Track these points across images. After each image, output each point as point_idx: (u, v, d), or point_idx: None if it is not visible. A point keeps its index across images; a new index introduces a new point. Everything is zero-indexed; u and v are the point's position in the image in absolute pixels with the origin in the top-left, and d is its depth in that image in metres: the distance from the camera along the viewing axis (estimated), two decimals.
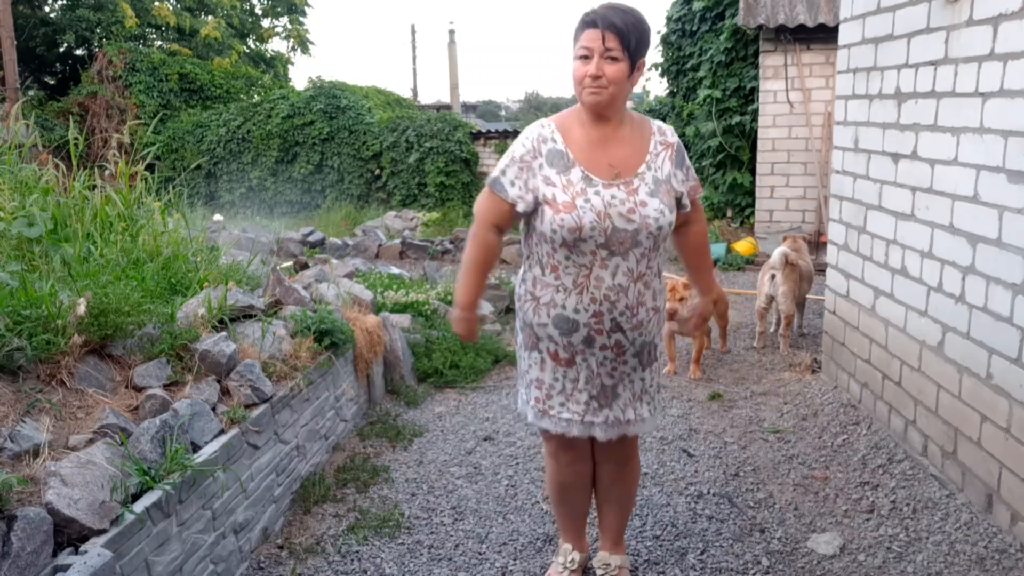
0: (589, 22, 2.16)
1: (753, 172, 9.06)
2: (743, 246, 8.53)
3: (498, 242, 2.41)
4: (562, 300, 2.27)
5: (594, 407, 2.37)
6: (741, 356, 5.23)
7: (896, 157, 3.67)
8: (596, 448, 2.55)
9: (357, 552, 2.94)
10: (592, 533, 2.96)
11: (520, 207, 2.26)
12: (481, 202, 2.36)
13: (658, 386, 2.52)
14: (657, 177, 2.27)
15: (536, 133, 2.29)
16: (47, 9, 18.24)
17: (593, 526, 3.01)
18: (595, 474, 2.62)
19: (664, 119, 11.74)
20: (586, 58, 2.16)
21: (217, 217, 10.63)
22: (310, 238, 9.53)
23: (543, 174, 2.24)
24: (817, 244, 8.23)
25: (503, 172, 2.28)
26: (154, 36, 19.42)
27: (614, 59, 2.14)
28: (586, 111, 2.26)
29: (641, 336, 2.34)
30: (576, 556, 2.67)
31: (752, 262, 8.34)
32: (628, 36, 2.13)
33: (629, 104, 2.38)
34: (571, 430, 2.39)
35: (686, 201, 2.36)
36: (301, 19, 21.33)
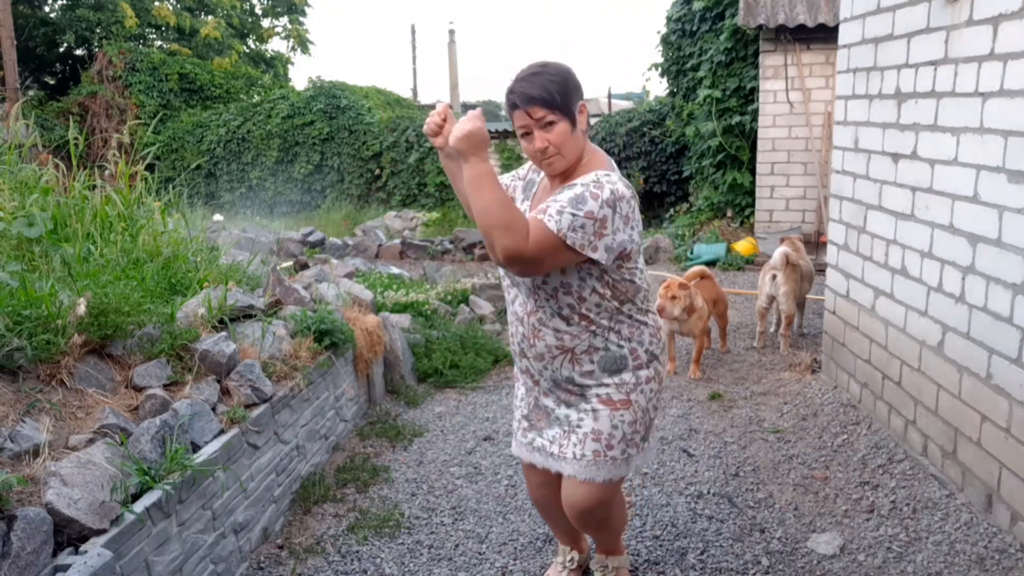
0: (511, 105, 2.11)
1: (753, 172, 9.06)
2: (743, 246, 8.53)
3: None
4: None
5: (524, 426, 2.43)
6: (741, 356, 5.23)
7: (896, 157, 3.67)
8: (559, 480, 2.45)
9: (357, 552, 2.94)
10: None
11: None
12: None
13: (598, 435, 2.24)
14: (547, 208, 2.06)
15: (530, 165, 2.39)
16: (47, 9, 18.24)
17: None
18: None
19: (664, 119, 11.75)
20: (527, 135, 2.11)
21: (217, 217, 10.64)
22: (310, 238, 9.53)
23: (513, 196, 2.36)
24: (817, 244, 8.23)
25: (501, 177, 2.38)
26: (154, 36, 19.42)
27: (550, 123, 2.08)
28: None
29: (547, 370, 2.25)
30: (575, 555, 2.67)
31: (752, 262, 8.33)
32: (552, 98, 2.06)
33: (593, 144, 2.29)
34: (520, 452, 2.47)
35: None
36: (301, 19, 21.34)
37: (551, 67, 2.10)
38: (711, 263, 8.22)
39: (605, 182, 2.05)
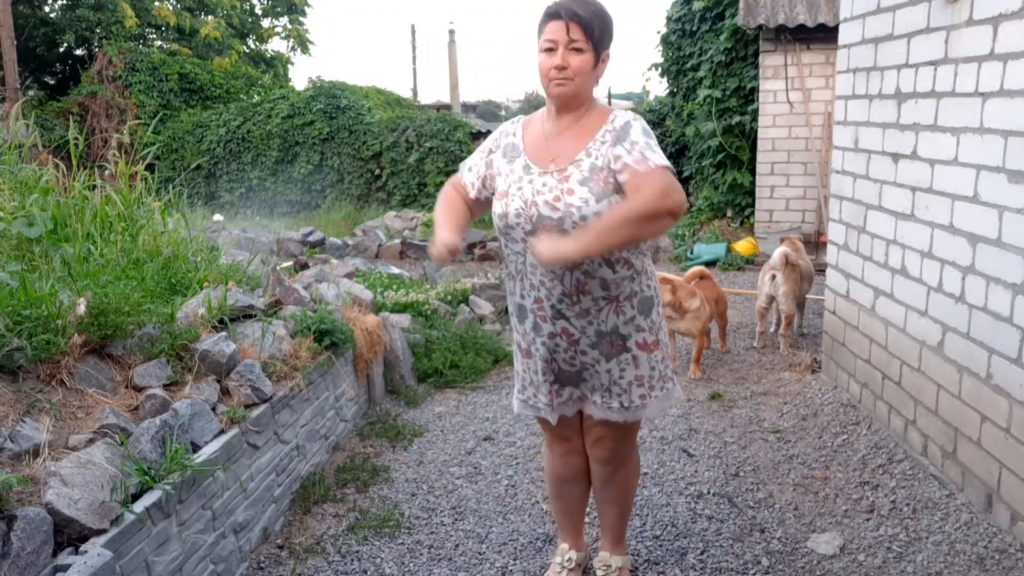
0: (552, 14, 2.14)
1: (753, 172, 9.06)
2: (743, 246, 8.53)
3: (458, 199, 2.40)
4: (512, 287, 2.35)
5: (556, 388, 2.39)
6: (741, 356, 5.22)
7: (896, 157, 3.67)
8: (585, 444, 2.53)
9: (357, 552, 2.94)
10: (592, 533, 2.96)
11: (471, 193, 2.37)
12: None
13: (640, 379, 2.33)
14: (595, 164, 2.14)
15: (502, 128, 2.40)
16: (47, 9, 18.24)
17: (593, 526, 3.02)
18: (590, 472, 2.62)
19: (664, 119, 11.75)
20: (551, 50, 2.14)
21: (217, 217, 10.63)
22: (310, 238, 9.53)
23: (496, 166, 2.33)
24: (817, 244, 8.23)
25: (468, 160, 2.43)
26: (154, 36, 19.42)
27: (579, 50, 2.12)
28: (552, 104, 2.26)
29: (592, 325, 2.25)
30: (573, 555, 2.67)
31: (752, 262, 8.34)
32: (592, 26, 2.12)
33: (629, 103, 2.38)
34: (548, 415, 2.43)
35: (623, 177, 2.09)
36: (301, 19, 21.33)
37: (599, 4, 2.18)
38: (711, 263, 8.23)
39: (636, 115, 2.23)
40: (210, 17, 19.38)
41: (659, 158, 2.07)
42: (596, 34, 2.13)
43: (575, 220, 2.12)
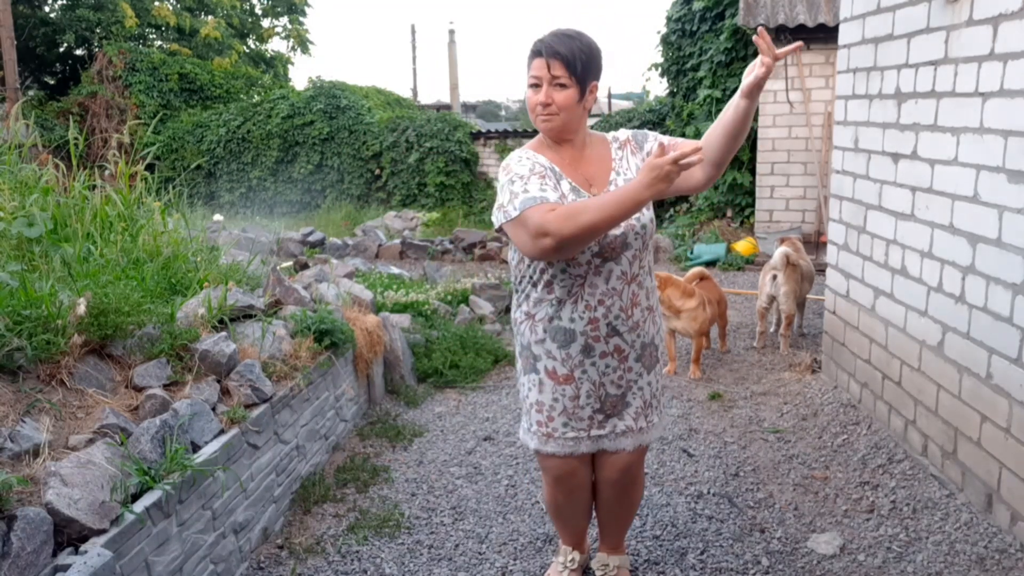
0: (535, 51, 2.18)
1: (753, 172, 9.06)
2: (743, 246, 8.53)
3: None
4: (556, 312, 2.27)
5: (599, 420, 2.36)
6: (741, 356, 5.23)
7: (896, 157, 3.67)
8: (599, 468, 2.50)
9: (357, 552, 2.94)
10: (592, 533, 2.96)
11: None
12: (525, 227, 2.07)
13: (663, 389, 2.51)
14: (628, 178, 2.27)
15: (522, 158, 2.24)
16: (47, 9, 18.23)
17: (593, 525, 3.02)
18: (596, 494, 2.59)
19: (664, 119, 11.75)
20: (536, 86, 2.19)
21: (217, 217, 10.62)
22: (310, 238, 9.53)
23: (560, 186, 2.26)
24: (817, 244, 8.23)
25: (525, 189, 2.12)
26: (154, 36, 19.41)
27: (562, 86, 2.16)
28: (545, 138, 2.30)
29: (639, 338, 2.34)
30: (576, 556, 2.67)
31: (752, 262, 8.33)
32: (574, 62, 2.15)
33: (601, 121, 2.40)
34: (579, 448, 2.37)
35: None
36: (301, 19, 21.33)
37: (584, 38, 2.21)
38: (711, 263, 8.23)
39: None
40: (210, 17, 19.37)
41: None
42: (579, 70, 2.16)
43: (637, 231, 2.25)
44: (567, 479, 2.45)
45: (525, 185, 2.13)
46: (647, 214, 2.29)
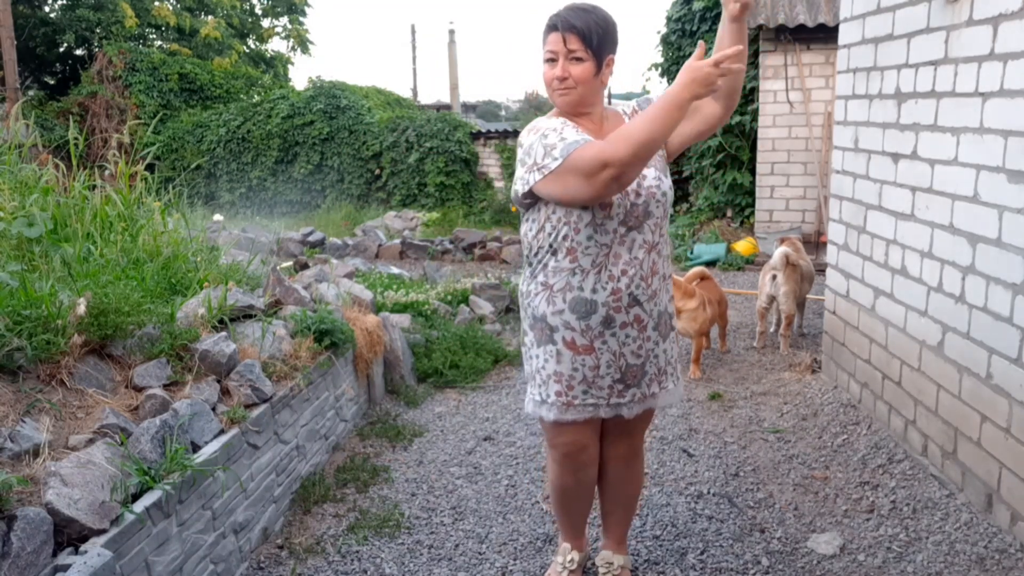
0: (551, 26, 2.19)
1: (753, 172, 9.06)
2: (743, 246, 8.53)
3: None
4: (579, 282, 2.26)
5: (619, 389, 2.37)
6: (741, 356, 5.23)
7: (896, 157, 3.67)
8: (604, 446, 2.55)
9: (357, 552, 2.94)
10: (593, 533, 2.96)
11: None
12: (576, 170, 2.06)
13: (677, 356, 2.53)
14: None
15: (553, 124, 2.21)
16: (47, 9, 18.23)
17: (592, 526, 3.01)
18: (602, 475, 2.61)
19: None
20: (552, 61, 2.19)
21: (217, 217, 10.62)
22: (310, 238, 9.53)
23: None
24: (817, 244, 8.23)
25: (562, 137, 2.11)
26: (154, 36, 19.41)
27: (578, 59, 2.16)
28: (563, 112, 2.28)
29: (656, 306, 2.36)
30: (575, 556, 2.67)
31: (752, 262, 8.34)
32: (590, 36, 2.15)
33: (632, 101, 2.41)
34: (598, 413, 2.38)
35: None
36: (301, 19, 21.33)
37: (600, 11, 2.20)
38: (711, 263, 8.23)
39: None
40: (210, 17, 19.37)
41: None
42: (595, 42, 2.15)
43: (658, 199, 2.28)
44: (577, 455, 2.46)
45: (561, 135, 2.12)
46: (666, 181, 2.31)
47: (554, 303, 2.30)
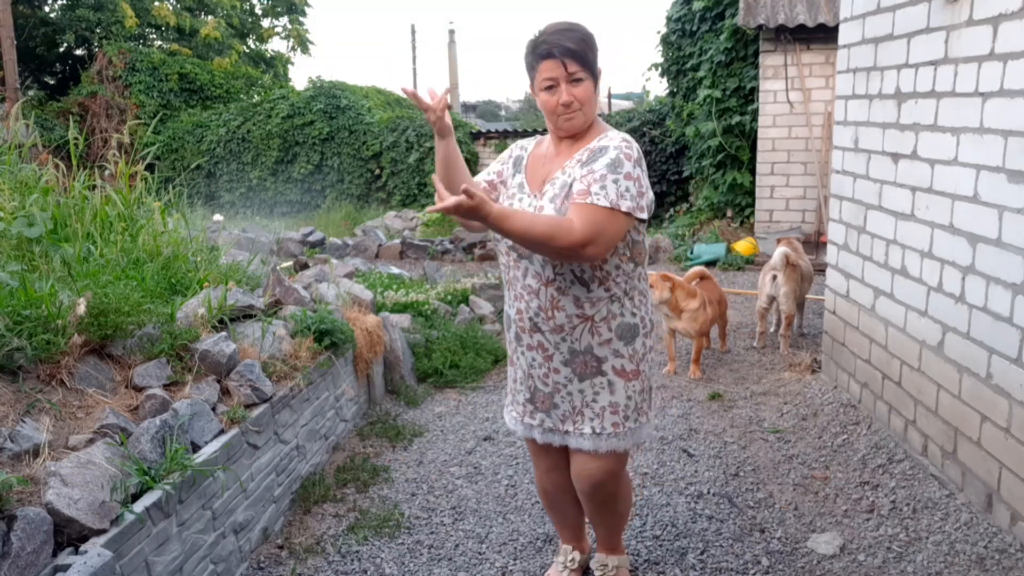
0: (545, 53, 2.13)
1: (753, 172, 9.06)
2: (743, 246, 8.53)
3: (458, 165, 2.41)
4: (505, 294, 2.39)
5: (530, 409, 2.41)
6: (741, 356, 5.23)
7: (896, 157, 3.67)
8: (571, 475, 2.46)
9: (357, 552, 2.94)
10: (593, 533, 2.96)
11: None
12: None
13: (616, 407, 2.29)
14: (565, 181, 2.16)
15: (520, 142, 2.46)
16: (47, 9, 18.23)
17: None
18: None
19: (664, 119, 11.75)
20: (552, 88, 2.15)
21: (217, 217, 10.63)
22: (310, 238, 9.53)
23: (504, 177, 2.40)
24: (817, 244, 8.23)
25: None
26: (154, 36, 19.41)
27: (579, 80, 2.14)
28: (563, 136, 2.24)
29: (567, 343, 2.24)
30: (577, 556, 2.67)
31: (752, 262, 8.34)
32: (585, 56, 2.13)
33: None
34: (516, 428, 2.47)
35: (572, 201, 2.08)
36: (301, 19, 21.32)
37: (581, 27, 2.19)
38: (711, 263, 8.23)
39: (631, 140, 2.17)
40: (210, 17, 19.37)
41: (604, 197, 2.03)
42: (591, 59, 2.15)
43: None
44: (540, 458, 2.54)
45: (495, 164, 2.44)
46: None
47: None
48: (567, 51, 2.11)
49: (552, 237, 1.99)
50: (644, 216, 2.12)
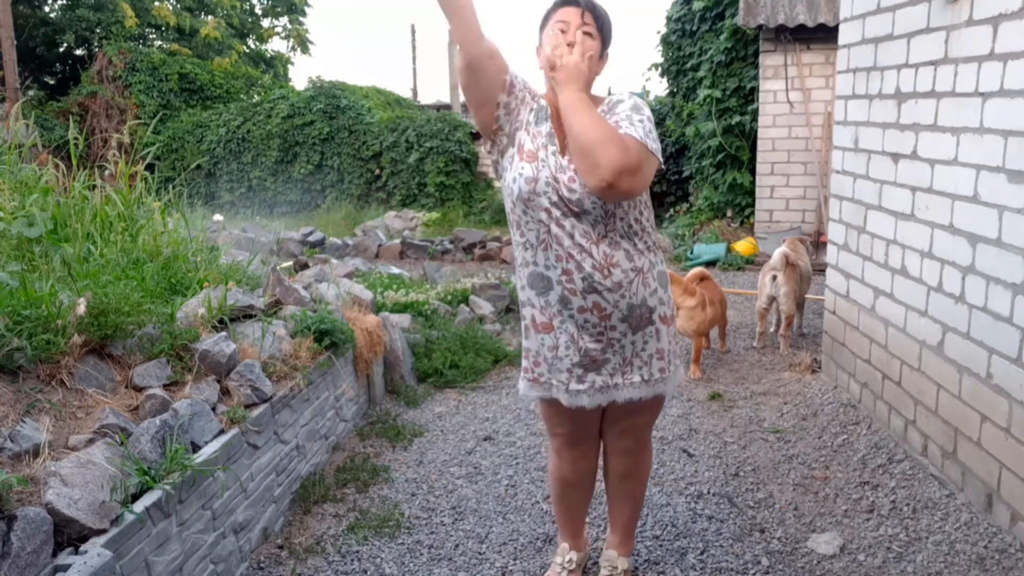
0: (567, 0, 2.20)
1: (753, 172, 9.06)
2: (743, 246, 8.53)
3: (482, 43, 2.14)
4: (532, 257, 2.24)
5: (578, 374, 2.29)
6: (741, 356, 5.22)
7: (896, 157, 3.67)
8: (606, 439, 2.53)
9: (357, 552, 2.94)
10: (593, 532, 2.96)
11: (500, 58, 2.17)
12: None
13: (661, 352, 2.33)
14: None
15: (527, 84, 2.30)
16: (47, 9, 18.23)
17: (593, 526, 3.02)
18: (606, 469, 2.62)
19: (664, 119, 11.75)
20: (563, 32, 2.18)
21: (217, 217, 10.62)
22: (310, 238, 9.53)
23: (523, 114, 2.24)
24: (817, 244, 8.23)
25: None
26: (154, 36, 19.40)
27: (590, 34, 2.18)
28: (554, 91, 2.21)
29: (625, 298, 2.21)
30: (574, 556, 2.67)
31: (752, 262, 8.33)
32: (604, 19, 2.21)
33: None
34: (558, 396, 2.34)
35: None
36: (301, 19, 21.32)
37: (601, 6, 2.24)
38: (711, 263, 8.23)
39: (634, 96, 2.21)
40: (210, 17, 19.37)
41: (636, 130, 2.07)
42: (605, 28, 2.21)
43: (593, 200, 2.14)
44: (575, 445, 2.47)
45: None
46: None
47: (521, 278, 2.32)
48: (590, 3, 2.19)
49: (614, 142, 1.99)
50: (662, 164, 2.17)
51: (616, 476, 2.59)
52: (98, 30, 17.39)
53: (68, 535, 2.07)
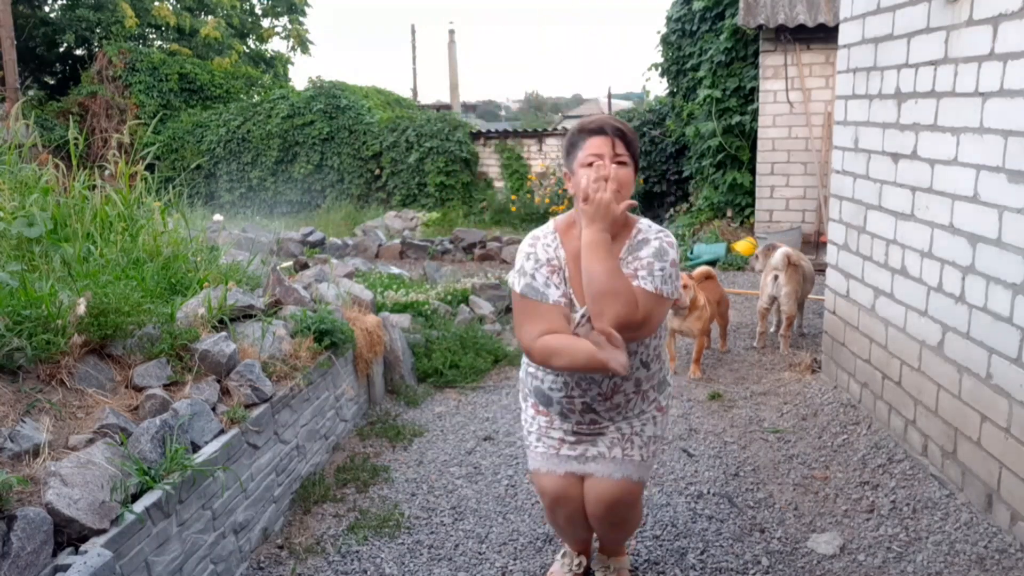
0: (595, 130, 2.15)
1: (753, 172, 9.06)
2: (743, 246, 8.53)
3: (566, 328, 2.18)
4: (541, 375, 2.32)
5: (570, 440, 2.37)
6: (741, 356, 5.22)
7: (896, 157, 3.67)
8: (586, 502, 2.41)
9: (357, 552, 2.94)
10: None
11: (568, 310, 2.19)
12: (522, 317, 2.20)
13: (651, 438, 2.38)
14: None
15: (546, 236, 2.28)
16: (47, 9, 18.22)
17: None
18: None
19: (664, 119, 11.75)
20: (597, 163, 2.12)
21: (217, 217, 10.62)
22: (310, 238, 9.53)
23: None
24: (817, 244, 8.23)
25: (534, 276, 2.20)
26: (154, 36, 19.40)
27: (623, 163, 2.14)
28: (580, 219, 2.20)
29: (620, 414, 2.33)
30: (583, 560, 2.67)
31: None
32: (633, 144, 2.17)
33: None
34: (548, 464, 2.37)
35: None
36: (301, 19, 21.31)
37: (627, 126, 2.21)
38: (711, 263, 8.23)
39: (665, 230, 2.24)
40: (210, 17, 19.36)
41: (651, 283, 2.13)
42: (635, 151, 2.18)
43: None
44: (556, 504, 2.42)
45: (536, 271, 2.20)
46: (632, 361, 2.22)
47: (526, 382, 2.42)
48: (618, 131, 2.14)
49: (620, 297, 2.03)
50: (680, 299, 2.24)
51: (597, 531, 2.55)
52: (98, 30, 17.39)
53: (68, 535, 2.07)
